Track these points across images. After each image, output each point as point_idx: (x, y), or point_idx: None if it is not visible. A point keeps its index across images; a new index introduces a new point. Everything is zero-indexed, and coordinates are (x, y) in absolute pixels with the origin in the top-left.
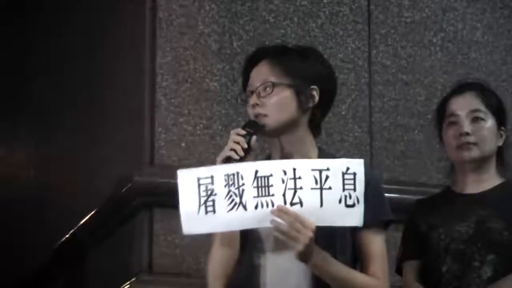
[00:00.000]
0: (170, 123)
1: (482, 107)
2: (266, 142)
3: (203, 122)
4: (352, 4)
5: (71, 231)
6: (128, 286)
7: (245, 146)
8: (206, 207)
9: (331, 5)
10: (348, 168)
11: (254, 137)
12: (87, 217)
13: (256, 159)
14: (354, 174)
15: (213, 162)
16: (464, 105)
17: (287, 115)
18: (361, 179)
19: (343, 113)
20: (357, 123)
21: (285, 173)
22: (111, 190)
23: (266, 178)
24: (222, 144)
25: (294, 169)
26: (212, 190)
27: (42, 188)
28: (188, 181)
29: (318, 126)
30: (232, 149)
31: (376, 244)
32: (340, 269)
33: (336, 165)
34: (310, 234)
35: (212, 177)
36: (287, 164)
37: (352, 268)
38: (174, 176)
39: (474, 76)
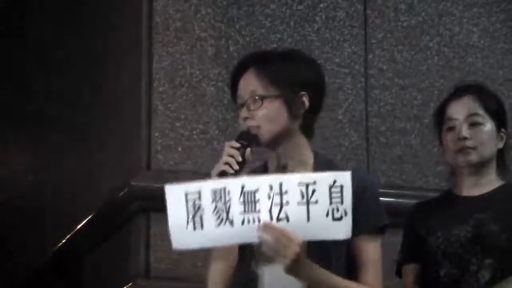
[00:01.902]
0: (166, 127)
1: (480, 111)
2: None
3: (200, 127)
4: (348, 8)
5: (68, 236)
6: None
7: (240, 159)
8: (194, 222)
9: (328, 9)
10: (335, 181)
11: (248, 150)
12: (84, 222)
13: (252, 167)
14: (341, 186)
15: (209, 167)
16: (462, 109)
17: (279, 126)
18: (348, 191)
19: (339, 117)
20: (353, 128)
21: (271, 188)
22: (108, 194)
23: (252, 194)
24: (218, 149)
25: (281, 184)
26: (200, 206)
27: (40, 192)
28: (176, 196)
29: (311, 129)
30: (226, 163)
31: (370, 251)
32: (332, 281)
33: (323, 179)
34: (297, 249)
35: (199, 192)
36: (274, 179)
37: (346, 278)
38: (171, 181)
39: (469, 80)
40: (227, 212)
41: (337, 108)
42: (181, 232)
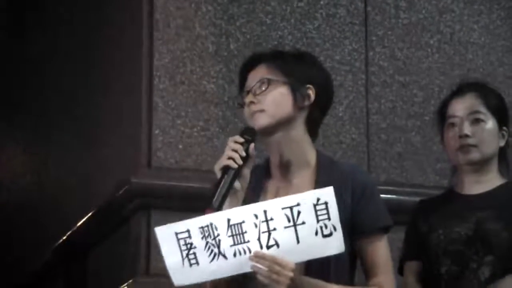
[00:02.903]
0: (167, 125)
1: (482, 109)
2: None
3: (200, 124)
4: (349, 5)
5: (69, 233)
6: None
7: (243, 154)
8: (189, 260)
9: (328, 6)
10: (318, 199)
11: (252, 145)
12: (84, 219)
13: (254, 164)
14: (326, 203)
15: (210, 164)
16: (464, 107)
17: (283, 111)
18: (334, 207)
19: (340, 114)
20: (354, 125)
21: (256, 217)
22: (108, 192)
23: (239, 226)
24: (219, 146)
25: (265, 211)
26: (191, 244)
27: (40, 190)
28: (167, 236)
29: (316, 129)
30: (230, 158)
31: (378, 252)
32: None
33: (306, 199)
34: (290, 274)
35: (188, 231)
36: (257, 207)
37: (350, 278)
38: (172, 178)
39: (471, 77)
40: (218, 247)
41: (337, 105)
42: (179, 270)
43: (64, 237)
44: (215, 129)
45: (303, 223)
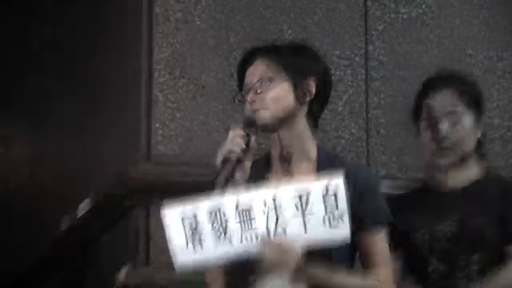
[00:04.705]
0: (167, 118)
1: (459, 107)
2: (266, 138)
3: (200, 118)
4: (348, 0)
5: (68, 226)
6: None
7: (244, 146)
8: (193, 243)
9: (328, 1)
10: (328, 189)
11: (253, 137)
12: (83, 213)
13: (255, 157)
14: (335, 193)
15: (210, 158)
16: (441, 106)
17: (285, 108)
18: (342, 197)
19: (339, 109)
20: (353, 120)
21: (265, 204)
22: (107, 186)
23: (247, 212)
24: (219, 140)
25: (274, 199)
26: (198, 228)
27: (38, 184)
28: (173, 218)
29: (316, 118)
30: (231, 150)
31: (378, 245)
32: (340, 280)
33: (315, 188)
34: (297, 259)
35: (195, 214)
36: (267, 194)
37: (349, 265)
38: (171, 172)
39: (468, 71)
40: (225, 232)
41: (337, 100)
42: (183, 252)
43: (63, 230)
44: (215, 123)
45: (311, 212)
